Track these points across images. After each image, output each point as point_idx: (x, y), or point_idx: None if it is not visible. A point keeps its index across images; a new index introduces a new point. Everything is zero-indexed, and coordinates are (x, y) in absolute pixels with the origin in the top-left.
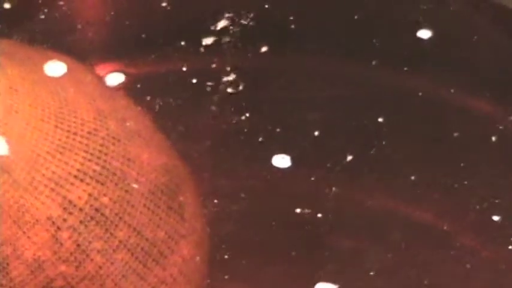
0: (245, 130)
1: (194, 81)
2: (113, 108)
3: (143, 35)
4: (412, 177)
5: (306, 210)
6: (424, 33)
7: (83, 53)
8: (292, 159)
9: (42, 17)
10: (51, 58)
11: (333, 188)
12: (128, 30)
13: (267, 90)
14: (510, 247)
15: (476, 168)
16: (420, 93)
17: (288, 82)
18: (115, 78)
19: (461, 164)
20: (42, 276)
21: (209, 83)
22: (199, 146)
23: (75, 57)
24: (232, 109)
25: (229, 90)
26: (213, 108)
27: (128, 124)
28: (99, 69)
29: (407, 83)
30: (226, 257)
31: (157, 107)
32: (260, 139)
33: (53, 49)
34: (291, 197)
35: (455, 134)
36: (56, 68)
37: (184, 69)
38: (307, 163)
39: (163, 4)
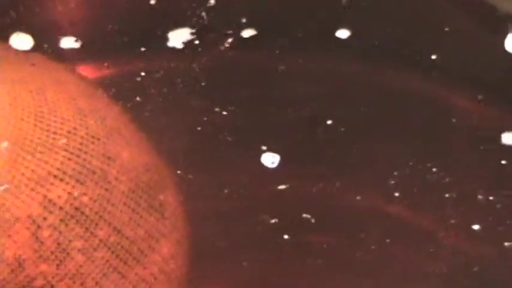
0: (226, 128)
1: (175, 79)
2: (93, 107)
3: (124, 34)
4: (395, 175)
5: (289, 209)
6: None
7: (63, 53)
8: (282, 158)
9: (22, 16)
10: (31, 58)
11: (317, 187)
12: (109, 30)
13: (250, 88)
14: (489, 245)
15: (456, 165)
16: (406, 91)
17: (272, 80)
18: (68, 42)
19: (442, 161)
20: (23, 275)
21: (191, 81)
22: (180, 145)
23: (55, 57)
24: (214, 108)
25: (212, 88)
26: (194, 106)
27: (108, 123)
28: (80, 69)
29: (389, 80)
30: (207, 255)
31: (137, 105)
32: (243, 137)
33: (32, 48)
34: (271, 195)
35: (435, 131)
36: (22, 41)
37: (165, 67)
38: (296, 161)
39: (148, 2)
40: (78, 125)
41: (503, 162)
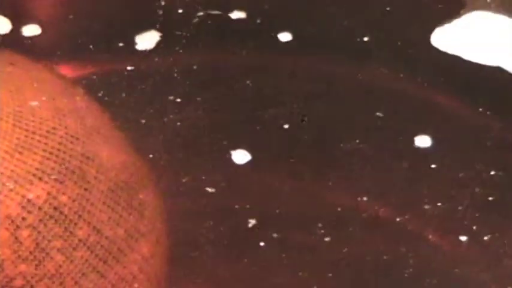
0: (205, 127)
1: (154, 78)
2: (72, 106)
3: (100, 34)
4: (374, 173)
5: (267, 206)
6: None
7: (43, 53)
8: (253, 155)
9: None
10: (10, 58)
11: (294, 184)
12: (86, 29)
13: (227, 86)
14: (470, 241)
15: (439, 163)
16: (385, 89)
17: (249, 78)
18: (31, 30)
19: (424, 159)
20: (2, 275)
21: (169, 80)
22: (159, 143)
23: (35, 57)
24: (191, 106)
25: (189, 87)
26: (173, 105)
27: (87, 122)
28: (60, 68)
29: (368, 77)
30: (186, 254)
31: (116, 104)
32: (220, 135)
33: (12, 49)
34: (251, 193)
35: (418, 129)
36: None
37: (143, 66)
38: (267, 159)
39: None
40: (57, 125)
41: (432, 166)
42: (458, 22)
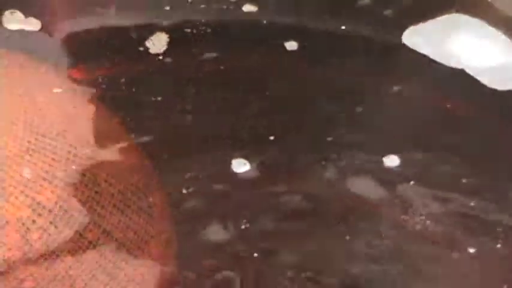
0: (210, 132)
1: (162, 82)
2: (82, 109)
3: (109, 38)
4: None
5: (268, 212)
6: None
7: (52, 56)
8: (253, 164)
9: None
10: (20, 61)
11: (292, 190)
12: (94, 34)
13: (229, 91)
14: (477, 251)
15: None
16: (377, 90)
17: (251, 84)
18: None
19: (431, 156)
20: (12, 277)
21: (176, 85)
22: (167, 148)
23: (46, 62)
24: (199, 111)
25: (194, 91)
26: (181, 110)
27: (96, 125)
28: (70, 73)
29: (363, 80)
30: (195, 256)
31: (125, 108)
32: (222, 142)
33: (23, 53)
34: (255, 198)
35: (419, 126)
36: (12, 19)
37: (152, 70)
38: (267, 167)
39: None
40: (67, 128)
41: (411, 183)
42: (432, 22)
